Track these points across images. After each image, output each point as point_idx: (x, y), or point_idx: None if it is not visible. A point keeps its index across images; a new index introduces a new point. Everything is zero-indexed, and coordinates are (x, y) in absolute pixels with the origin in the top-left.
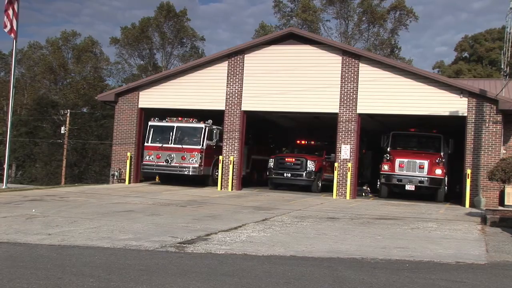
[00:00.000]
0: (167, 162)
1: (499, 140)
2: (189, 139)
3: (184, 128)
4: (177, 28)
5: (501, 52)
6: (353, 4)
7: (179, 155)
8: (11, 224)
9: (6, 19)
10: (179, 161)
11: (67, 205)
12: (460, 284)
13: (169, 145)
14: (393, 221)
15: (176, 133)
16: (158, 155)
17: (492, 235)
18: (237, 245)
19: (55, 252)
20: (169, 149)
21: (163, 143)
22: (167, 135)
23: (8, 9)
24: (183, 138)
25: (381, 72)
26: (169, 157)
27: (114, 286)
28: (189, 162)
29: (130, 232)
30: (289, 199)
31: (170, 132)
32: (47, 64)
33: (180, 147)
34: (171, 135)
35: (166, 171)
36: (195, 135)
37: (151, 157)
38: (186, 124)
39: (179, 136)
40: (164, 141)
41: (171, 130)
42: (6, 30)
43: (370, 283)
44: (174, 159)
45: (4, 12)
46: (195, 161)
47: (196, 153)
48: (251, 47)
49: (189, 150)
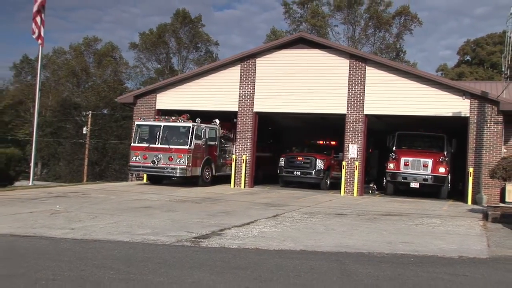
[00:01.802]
0: (153, 163)
1: (500, 139)
2: (176, 139)
3: (171, 128)
4: (192, 33)
5: (501, 56)
6: (360, 10)
7: (166, 156)
8: (37, 219)
9: (34, 26)
10: (166, 162)
11: (89, 202)
12: (462, 278)
13: (156, 145)
14: (399, 217)
15: (163, 133)
16: (145, 155)
17: (493, 231)
18: (249, 240)
19: (78, 246)
20: (156, 149)
21: (150, 143)
22: (154, 135)
23: (36, 17)
24: (171, 138)
25: (387, 74)
26: (156, 157)
27: (133, 278)
28: (177, 163)
29: (148, 227)
30: (299, 196)
31: (157, 131)
32: (70, 68)
33: (167, 147)
34: (158, 135)
35: (152, 173)
36: (183, 135)
37: (138, 157)
38: (173, 124)
39: (166, 135)
40: (151, 141)
41: (158, 130)
42: (34, 36)
43: (377, 276)
44: (161, 160)
45: (32, 20)
46: (182, 162)
47: (184, 154)
48: (262, 51)
49: (176, 151)
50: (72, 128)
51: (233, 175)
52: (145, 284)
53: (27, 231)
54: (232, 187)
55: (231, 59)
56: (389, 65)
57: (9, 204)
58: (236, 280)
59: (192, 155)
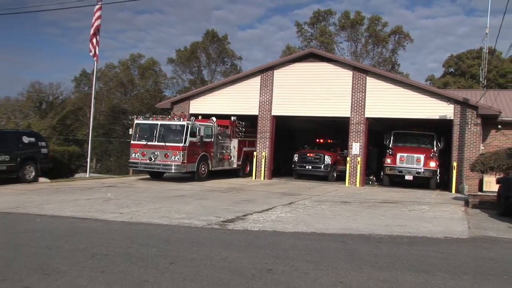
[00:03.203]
0: (150, 160)
1: (479, 138)
2: (172, 136)
3: (167, 126)
4: (220, 49)
5: (479, 68)
6: (361, 30)
7: (162, 153)
8: (92, 204)
9: (91, 46)
10: (163, 159)
11: (134, 191)
12: (447, 254)
13: (153, 142)
14: (394, 204)
15: (160, 131)
16: (143, 152)
17: (473, 215)
18: (268, 223)
19: (125, 227)
20: (153, 146)
21: (147, 141)
22: (152, 133)
23: (92, 39)
24: (167, 136)
25: (384, 84)
26: (153, 154)
27: (171, 255)
28: (172, 160)
29: (183, 213)
30: (310, 187)
31: (154, 130)
32: (119, 80)
33: (163, 145)
34: (155, 133)
35: (150, 169)
36: (178, 133)
37: (137, 154)
38: (168, 122)
39: (162, 134)
40: (149, 139)
41: (155, 128)
42: (91, 54)
43: (376, 254)
44: (157, 157)
45: (89, 41)
46: (177, 158)
47: (179, 151)
48: (279, 64)
49: (172, 148)
50: (121, 130)
51: (254, 169)
52: (181, 260)
53: (85, 214)
54: (254, 179)
55: (253, 71)
56: (386, 75)
57: (70, 192)
58: (257, 257)
59: (187, 152)
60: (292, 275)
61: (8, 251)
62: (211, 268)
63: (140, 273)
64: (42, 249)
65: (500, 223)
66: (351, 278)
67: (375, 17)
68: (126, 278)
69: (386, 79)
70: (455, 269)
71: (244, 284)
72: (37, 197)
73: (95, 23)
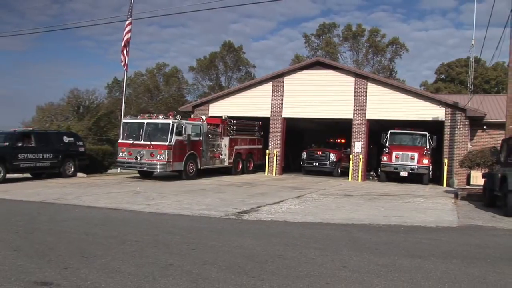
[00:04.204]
0: (136, 159)
1: (467, 138)
2: (158, 135)
3: (153, 125)
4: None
5: (467, 75)
6: (362, 40)
7: (148, 152)
8: (123, 197)
9: (122, 57)
10: (148, 158)
11: (159, 185)
12: (439, 241)
13: (139, 141)
14: (392, 197)
15: (146, 130)
16: (130, 151)
17: (462, 206)
18: (279, 214)
19: (152, 217)
20: (139, 145)
21: (134, 140)
22: (138, 132)
23: (123, 50)
24: (153, 134)
25: (383, 89)
26: (139, 154)
27: (193, 242)
28: (157, 159)
29: (203, 204)
30: (317, 182)
31: (140, 129)
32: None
33: (149, 144)
34: (141, 132)
35: (136, 168)
36: (164, 132)
37: (124, 153)
38: (154, 121)
39: (148, 132)
40: (135, 138)
41: (142, 127)
42: (122, 64)
43: (376, 242)
44: (144, 156)
45: (120, 52)
46: (163, 157)
47: (164, 150)
48: (289, 72)
49: (157, 147)
50: None
51: (266, 165)
52: (202, 246)
53: (117, 205)
54: (266, 174)
55: (265, 78)
56: (385, 81)
57: (104, 186)
58: (270, 244)
59: (172, 150)
60: (301, 260)
61: (52, 237)
62: (228, 253)
63: (166, 258)
64: (80, 235)
65: (485, 213)
66: (353, 263)
67: (374, 30)
68: (153, 262)
69: (385, 85)
70: (445, 254)
71: (258, 268)
72: (76, 190)
73: (126, 37)
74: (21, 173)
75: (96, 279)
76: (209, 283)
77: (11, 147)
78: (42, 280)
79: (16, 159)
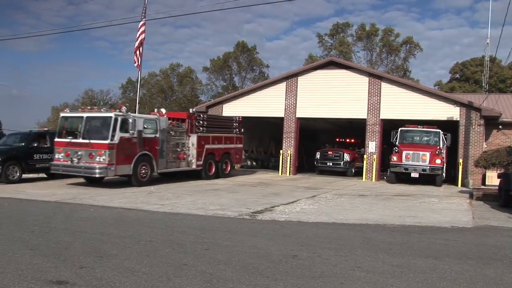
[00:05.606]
0: (72, 162)
1: (482, 137)
2: (98, 132)
3: (93, 119)
4: (249, 59)
5: (482, 74)
6: (376, 40)
7: (87, 152)
8: (137, 197)
9: (135, 58)
10: (87, 160)
11: (173, 185)
12: (453, 242)
13: (77, 140)
14: (406, 197)
15: (85, 126)
16: (67, 152)
17: (477, 207)
18: (293, 214)
19: (166, 217)
20: (78, 144)
21: (72, 138)
22: (77, 128)
23: (136, 51)
24: (93, 131)
25: (397, 88)
26: (76, 155)
27: (207, 242)
28: (96, 161)
29: (217, 204)
30: (330, 182)
31: (79, 124)
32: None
33: (88, 143)
34: (80, 128)
35: (72, 172)
36: (105, 127)
37: (60, 154)
38: (94, 114)
39: (88, 129)
40: (74, 135)
41: (81, 122)
42: (135, 65)
43: (390, 242)
44: (82, 158)
45: (134, 53)
46: (103, 159)
47: (104, 150)
48: (302, 72)
49: (97, 146)
50: None
51: (280, 165)
52: (216, 246)
53: (131, 205)
54: (280, 174)
55: (279, 78)
56: (399, 81)
57: (118, 185)
58: (284, 244)
59: (116, 150)
60: (315, 260)
61: (67, 236)
62: (242, 253)
63: (180, 257)
64: (95, 235)
65: (501, 214)
66: (368, 263)
67: (388, 29)
68: (167, 261)
69: (399, 84)
70: (460, 254)
71: (272, 268)
72: (91, 190)
73: (139, 37)
74: (37, 173)
75: (110, 278)
76: (223, 283)
77: (27, 147)
78: (57, 279)
79: (32, 159)
